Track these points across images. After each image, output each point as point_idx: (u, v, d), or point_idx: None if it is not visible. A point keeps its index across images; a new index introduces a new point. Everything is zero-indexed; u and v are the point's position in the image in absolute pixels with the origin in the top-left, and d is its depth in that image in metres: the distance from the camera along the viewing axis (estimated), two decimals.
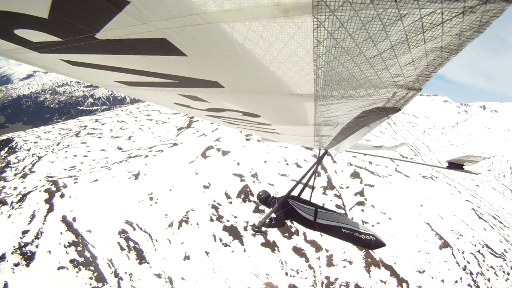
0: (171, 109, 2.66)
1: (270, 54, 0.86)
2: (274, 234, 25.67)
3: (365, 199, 32.43)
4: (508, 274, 32.82)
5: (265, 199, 4.27)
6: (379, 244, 3.83)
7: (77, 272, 15.05)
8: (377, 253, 28.16)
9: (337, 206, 31.12)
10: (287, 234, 26.51)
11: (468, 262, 30.35)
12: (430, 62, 0.78)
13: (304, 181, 4.16)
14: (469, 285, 29.67)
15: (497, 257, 31.42)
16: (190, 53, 0.96)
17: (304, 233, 27.44)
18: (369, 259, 25.44)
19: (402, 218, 30.27)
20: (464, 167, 2.94)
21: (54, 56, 1.24)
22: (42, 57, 1.28)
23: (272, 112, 1.87)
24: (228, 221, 24.20)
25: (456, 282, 26.92)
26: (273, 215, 3.92)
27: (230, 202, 25.79)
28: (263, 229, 3.92)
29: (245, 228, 24.55)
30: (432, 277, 25.73)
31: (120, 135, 37.45)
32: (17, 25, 0.96)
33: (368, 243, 3.77)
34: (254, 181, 28.81)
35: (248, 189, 27.66)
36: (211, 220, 23.48)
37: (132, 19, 0.77)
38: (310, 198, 4.05)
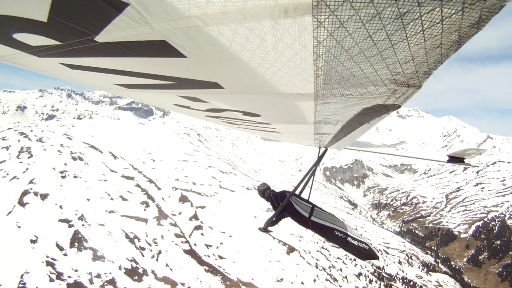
0: (171, 110, 2.67)
1: (270, 54, 0.86)
2: (116, 273, 23.09)
3: (201, 222, 31.94)
4: (355, 260, 33.63)
5: (263, 191, 4.39)
6: (372, 255, 3.72)
7: None
8: (232, 274, 26.92)
9: (176, 235, 30.20)
10: (136, 278, 24.89)
11: (317, 260, 31.60)
12: (429, 59, 0.78)
13: (302, 185, 4.23)
14: (327, 279, 30.07)
15: (339, 248, 33.11)
16: (190, 54, 0.96)
17: (153, 272, 26.13)
18: (227, 282, 25.42)
19: (242, 233, 30.06)
20: (464, 160, 3.00)
21: (53, 60, 1.24)
22: (41, 61, 1.28)
23: (272, 111, 1.88)
24: (69, 277, 20.88)
25: (314, 280, 27.94)
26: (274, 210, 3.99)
27: (65, 254, 22.45)
28: (269, 228, 3.99)
29: (91, 281, 21.42)
30: (292, 282, 26.38)
31: None
32: (16, 29, 0.96)
33: (360, 252, 3.68)
34: (83, 224, 25.59)
35: (80, 235, 24.40)
36: (51, 280, 20.14)
37: (131, 21, 0.77)
38: (309, 197, 4.11)
